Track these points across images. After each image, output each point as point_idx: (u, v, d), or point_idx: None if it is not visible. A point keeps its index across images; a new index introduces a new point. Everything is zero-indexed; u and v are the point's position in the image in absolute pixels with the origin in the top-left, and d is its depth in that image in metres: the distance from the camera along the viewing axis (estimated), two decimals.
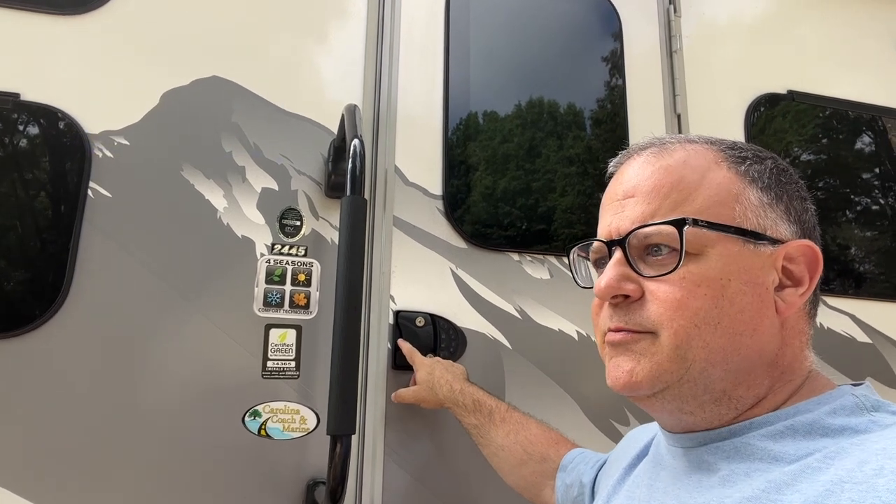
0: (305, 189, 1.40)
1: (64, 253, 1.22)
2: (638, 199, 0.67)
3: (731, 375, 0.62)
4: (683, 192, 0.65)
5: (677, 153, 0.69)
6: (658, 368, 0.62)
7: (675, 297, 0.62)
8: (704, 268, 0.62)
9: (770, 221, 0.65)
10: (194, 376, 1.25)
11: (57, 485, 1.15)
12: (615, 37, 1.73)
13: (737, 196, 0.65)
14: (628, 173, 0.71)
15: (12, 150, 1.26)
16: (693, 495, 0.62)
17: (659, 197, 0.66)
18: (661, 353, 0.62)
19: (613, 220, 0.69)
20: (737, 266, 0.62)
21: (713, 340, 0.61)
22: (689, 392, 0.63)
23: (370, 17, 1.53)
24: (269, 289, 1.33)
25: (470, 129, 1.55)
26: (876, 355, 1.68)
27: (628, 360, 0.64)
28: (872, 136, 1.93)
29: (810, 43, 1.94)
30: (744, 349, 0.62)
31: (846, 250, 1.83)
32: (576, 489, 1.00)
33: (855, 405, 0.59)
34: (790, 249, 0.64)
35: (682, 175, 0.66)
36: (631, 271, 0.65)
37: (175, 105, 1.36)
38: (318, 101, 1.45)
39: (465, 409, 1.23)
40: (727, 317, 0.61)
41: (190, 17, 1.41)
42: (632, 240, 0.66)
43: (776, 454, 0.58)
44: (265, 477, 1.25)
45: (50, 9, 1.31)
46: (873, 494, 0.47)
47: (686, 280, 0.62)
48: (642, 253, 0.66)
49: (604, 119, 1.68)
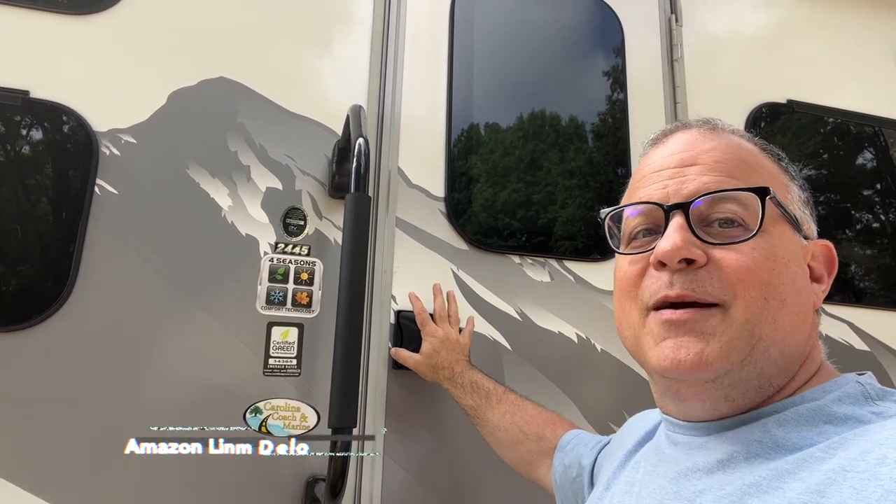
0: (309, 189, 1.42)
1: (69, 248, 1.24)
2: (701, 167, 0.65)
3: (782, 360, 0.61)
4: (748, 171, 0.65)
5: (729, 136, 0.69)
6: (729, 348, 0.59)
7: (748, 265, 0.60)
8: (772, 243, 0.61)
9: (806, 217, 0.67)
10: (196, 372, 1.26)
11: (58, 477, 1.16)
12: (617, 45, 1.75)
13: (787, 186, 0.67)
14: (681, 143, 0.69)
15: (21, 147, 1.28)
16: (693, 482, 0.62)
17: (725, 170, 0.65)
18: (733, 329, 0.59)
19: (671, 184, 0.66)
20: (792, 249, 0.63)
21: (780, 318, 0.60)
22: (745, 377, 0.61)
23: (375, 22, 1.56)
24: (271, 287, 1.34)
25: (473, 133, 1.57)
26: (874, 363, 1.69)
27: (696, 341, 0.60)
28: (870, 146, 1.94)
29: (810, 54, 1.96)
30: (798, 334, 0.62)
31: (844, 258, 1.84)
32: (574, 470, 1.00)
33: (860, 393, 0.60)
34: (815, 247, 0.66)
35: (741, 156, 0.66)
36: (694, 237, 0.62)
37: (182, 105, 1.37)
38: (323, 103, 1.47)
39: (463, 390, 1.25)
40: (791, 296, 0.61)
41: (198, 18, 1.43)
42: (697, 205, 0.63)
43: (779, 442, 0.58)
44: (265, 473, 1.26)
45: (60, 8, 1.33)
46: (875, 483, 0.47)
47: (756, 251, 0.60)
48: (703, 222, 0.63)
49: (605, 127, 1.70)
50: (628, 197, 0.74)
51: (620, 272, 0.69)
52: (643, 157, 0.75)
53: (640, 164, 0.74)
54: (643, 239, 0.69)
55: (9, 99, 1.27)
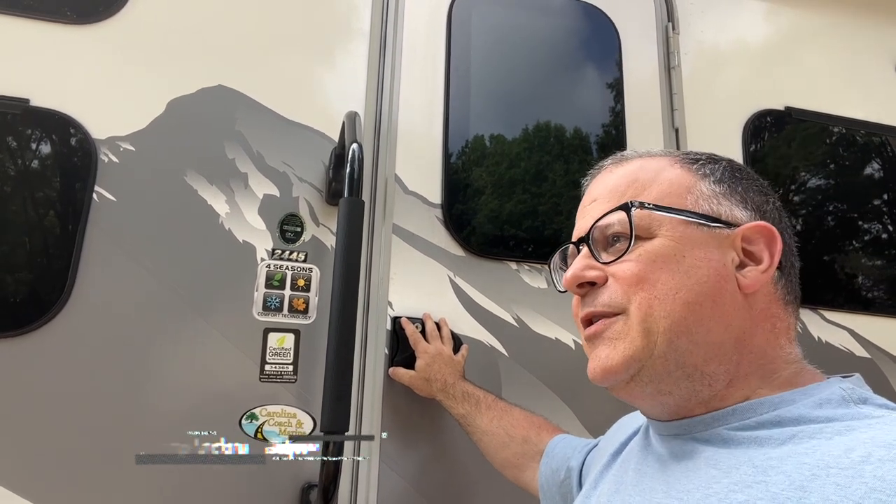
0: (307, 196, 1.42)
1: (68, 254, 1.25)
2: (599, 201, 0.74)
3: (699, 348, 0.64)
4: (638, 188, 0.71)
5: (634, 162, 0.76)
6: (630, 347, 0.65)
7: (634, 272, 0.66)
8: (657, 245, 0.67)
9: (725, 208, 0.69)
10: (193, 378, 1.26)
11: (54, 484, 1.16)
12: (613, 53, 1.76)
13: (689, 188, 0.70)
14: (592, 184, 0.78)
15: (21, 154, 1.29)
16: (681, 480, 0.63)
17: (616, 196, 0.72)
18: (632, 330, 0.65)
19: (580, 223, 0.76)
20: (689, 244, 0.66)
21: (674, 310, 0.64)
22: (661, 368, 0.64)
23: (373, 31, 1.57)
24: (268, 293, 1.34)
25: (470, 140, 1.58)
26: (874, 370, 1.68)
27: (605, 349, 0.67)
28: (872, 154, 1.94)
29: (808, 61, 1.97)
30: (706, 320, 0.64)
31: (844, 266, 1.84)
32: (562, 473, 1.01)
33: (842, 398, 0.60)
34: (746, 231, 0.67)
35: (637, 176, 0.73)
36: (594, 261, 0.70)
37: (181, 113, 1.39)
38: (320, 111, 1.48)
39: (455, 399, 1.29)
40: (685, 287, 0.64)
41: (197, 28, 1.45)
42: (594, 233, 0.71)
43: (761, 440, 0.58)
44: (261, 479, 1.26)
45: (61, 18, 1.35)
46: (859, 480, 0.48)
47: (642, 257, 0.66)
48: (605, 245, 0.71)
49: (608, 138, 1.70)
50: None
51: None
52: None
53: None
54: None
55: (9, 107, 1.28)
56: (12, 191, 1.27)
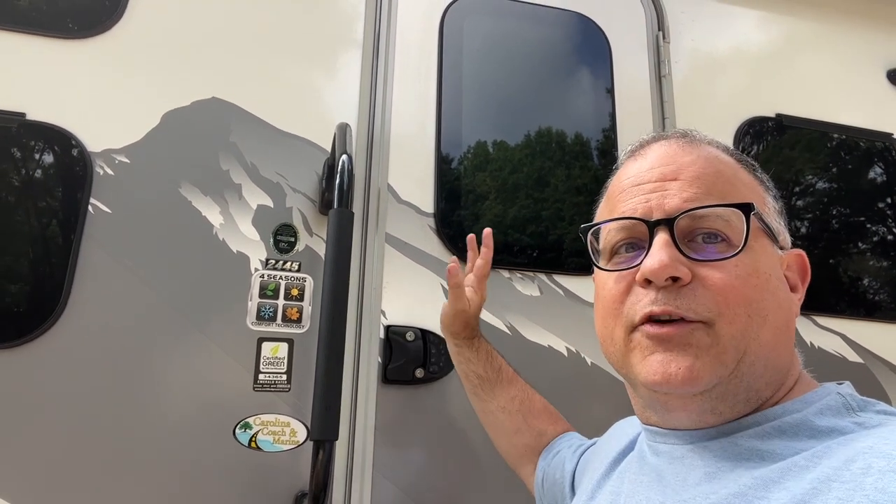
0: (300, 206, 1.44)
1: (63, 266, 1.26)
2: (682, 182, 0.65)
3: (768, 373, 0.62)
4: (727, 185, 0.65)
5: (707, 148, 0.69)
6: (717, 362, 0.59)
7: (732, 283, 0.60)
8: (754, 259, 0.62)
9: (781, 228, 0.67)
10: (187, 388, 1.27)
11: (51, 493, 1.17)
12: (605, 62, 1.77)
13: (763, 198, 0.67)
14: (660, 156, 0.68)
15: (17, 168, 1.31)
16: (678, 491, 0.62)
17: (706, 184, 0.64)
18: (720, 345, 0.60)
19: (653, 198, 0.65)
20: (772, 263, 0.63)
21: (762, 334, 0.60)
22: (732, 390, 0.61)
23: (366, 42, 1.59)
24: (262, 303, 1.36)
25: (462, 149, 1.59)
26: (867, 375, 1.69)
27: (685, 356, 0.60)
28: (859, 160, 1.95)
29: (799, 68, 1.98)
30: (781, 347, 0.62)
31: (835, 271, 1.84)
32: (558, 473, 1.00)
33: (842, 405, 0.60)
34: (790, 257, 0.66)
35: (720, 169, 0.66)
36: (679, 254, 0.62)
37: (175, 125, 1.41)
38: (314, 122, 1.50)
39: (478, 354, 1.17)
40: (773, 311, 0.61)
41: (191, 41, 1.47)
42: (681, 221, 0.63)
43: (763, 453, 0.58)
44: (255, 489, 1.26)
45: (56, 33, 1.37)
46: (861, 493, 0.47)
47: (739, 268, 0.60)
48: (687, 237, 0.63)
49: (593, 146, 1.71)
50: (608, 210, 0.73)
51: (605, 289, 0.69)
52: (621, 169, 0.74)
53: (618, 176, 0.73)
54: (626, 254, 0.68)
55: (6, 121, 1.30)
56: (8, 203, 1.28)
